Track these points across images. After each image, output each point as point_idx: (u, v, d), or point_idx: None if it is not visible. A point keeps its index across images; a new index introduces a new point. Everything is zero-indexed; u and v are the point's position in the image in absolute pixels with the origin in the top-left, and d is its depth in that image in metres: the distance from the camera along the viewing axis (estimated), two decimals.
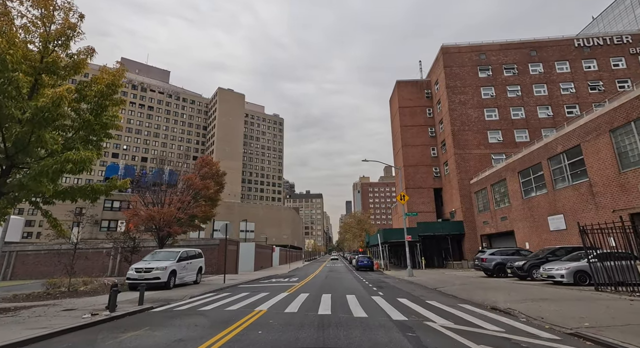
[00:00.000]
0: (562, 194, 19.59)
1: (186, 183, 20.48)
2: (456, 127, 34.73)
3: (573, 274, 12.85)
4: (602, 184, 16.44)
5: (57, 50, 9.31)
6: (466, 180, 33.37)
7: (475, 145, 34.11)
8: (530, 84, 34.70)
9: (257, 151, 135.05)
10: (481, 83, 35.60)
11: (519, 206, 24.50)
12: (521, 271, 15.83)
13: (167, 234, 19.55)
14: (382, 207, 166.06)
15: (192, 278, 16.98)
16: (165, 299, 11.66)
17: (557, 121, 32.79)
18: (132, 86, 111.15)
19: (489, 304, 9.66)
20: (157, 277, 13.97)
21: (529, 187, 23.36)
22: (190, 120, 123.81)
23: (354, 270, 35.20)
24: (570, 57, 34.54)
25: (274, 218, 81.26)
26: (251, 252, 37.42)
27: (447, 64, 36.54)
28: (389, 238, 33.31)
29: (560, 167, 19.75)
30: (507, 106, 34.60)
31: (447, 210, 37.25)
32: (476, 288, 13.60)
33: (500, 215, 27.33)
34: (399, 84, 43.03)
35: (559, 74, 34.44)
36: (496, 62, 35.83)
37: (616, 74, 33.41)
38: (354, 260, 43.73)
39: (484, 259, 18.89)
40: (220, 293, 13.70)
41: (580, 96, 33.52)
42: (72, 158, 7.99)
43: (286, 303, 10.41)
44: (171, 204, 19.63)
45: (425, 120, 41.26)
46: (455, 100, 35.46)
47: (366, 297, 11.80)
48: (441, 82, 37.58)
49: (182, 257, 15.87)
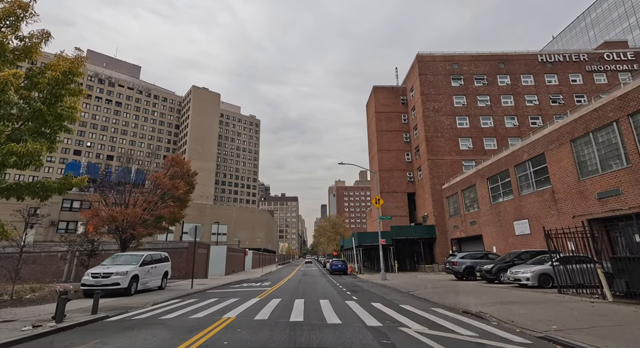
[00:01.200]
0: (527, 200, 20.51)
1: (154, 183, 19.36)
2: (430, 133, 35.67)
3: (538, 277, 13.34)
4: (564, 191, 17.35)
5: (5, 30, 8.35)
6: (438, 185, 34.29)
7: (447, 151, 35.18)
8: (499, 95, 36.42)
9: (232, 152, 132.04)
10: (454, 92, 36.90)
11: (487, 211, 25.42)
12: (489, 274, 16.29)
13: (130, 236, 18.33)
14: (357, 211, 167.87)
15: (156, 283, 15.97)
16: (123, 307, 10.78)
17: (522, 131, 34.59)
18: (98, 80, 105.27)
19: (460, 308, 9.72)
20: (117, 282, 12.95)
21: (497, 192, 24.31)
22: (162, 118, 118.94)
23: (328, 273, 34.99)
24: (534, 71, 36.67)
25: (247, 220, 79.55)
26: (222, 255, 36.22)
27: (422, 71, 37.56)
28: (364, 242, 33.47)
29: (526, 174, 20.71)
30: (477, 115, 36.06)
31: (420, 214, 38.08)
32: (448, 292, 13.77)
33: (470, 220, 28.24)
34: (375, 89, 43.70)
35: (524, 86, 36.42)
36: (468, 72, 37.32)
37: (574, 89, 35.86)
38: (328, 263, 43.54)
39: (455, 263, 19.32)
40: (187, 300, 12.92)
41: (542, 108, 35.61)
42: (16, 150, 7.14)
43: (256, 310, 9.93)
44: (136, 205, 18.46)
45: (401, 125, 42.13)
46: (430, 107, 36.47)
47: (340, 302, 11.56)
48: (416, 89, 38.56)
49: (145, 261, 14.87)
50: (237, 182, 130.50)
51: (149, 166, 21.35)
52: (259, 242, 78.94)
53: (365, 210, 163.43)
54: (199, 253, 29.23)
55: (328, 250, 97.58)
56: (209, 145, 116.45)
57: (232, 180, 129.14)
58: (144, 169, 22.35)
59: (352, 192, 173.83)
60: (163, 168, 20.50)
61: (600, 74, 36.20)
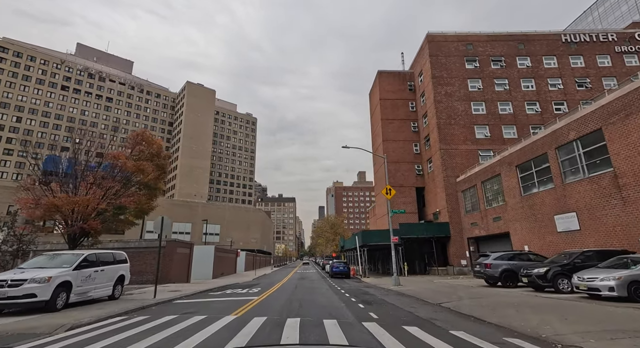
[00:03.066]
0: (574, 189, 16.75)
1: (111, 165, 15.42)
2: (442, 120, 31.95)
3: (627, 286, 9.52)
4: (632, 174, 13.61)
5: None
6: (452, 177, 30.53)
7: (461, 140, 31.46)
8: (518, 78, 32.78)
9: (228, 151, 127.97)
10: (468, 75, 33.23)
11: (516, 204, 21.65)
12: (542, 280, 12.47)
13: (80, 232, 14.38)
14: (356, 212, 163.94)
15: (105, 292, 12.02)
16: (19, 334, 6.85)
17: (546, 118, 30.96)
18: (88, 74, 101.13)
19: (552, 338, 5.88)
20: (31, 293, 8.99)
21: (529, 182, 20.54)
22: (155, 115, 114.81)
23: (328, 277, 31.08)
24: (558, 52, 33.09)
25: (241, 220, 75.42)
26: (209, 256, 32.21)
27: (433, 52, 33.88)
28: (368, 241, 29.59)
29: (573, 157, 16.96)
30: (494, 100, 32.40)
31: (430, 211, 34.28)
32: (498, 306, 9.94)
33: (493, 216, 24.46)
34: (380, 74, 39.94)
35: (546, 69, 32.82)
36: (483, 53, 33.68)
37: (602, 71, 32.31)
38: (327, 265, 39.65)
39: (488, 265, 15.49)
40: (132, 318, 8.99)
41: (568, 92, 32.01)
42: None
43: (224, 340, 6.07)
44: (89, 191, 14.51)
45: (408, 114, 38.38)
46: (441, 91, 32.76)
47: (355, 325, 7.67)
48: (426, 72, 34.85)
49: (84, 263, 10.92)
50: (233, 181, 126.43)
51: (113, 143, 17.28)
52: (253, 242, 74.81)
53: (364, 211, 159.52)
54: (180, 254, 25.23)
55: (326, 251, 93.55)
56: (204, 143, 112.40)
57: (227, 179, 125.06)
58: (104, 150, 18.26)
59: (350, 192, 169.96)
60: (127, 145, 16.51)
61: (631, 56, 32.69)
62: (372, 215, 49.55)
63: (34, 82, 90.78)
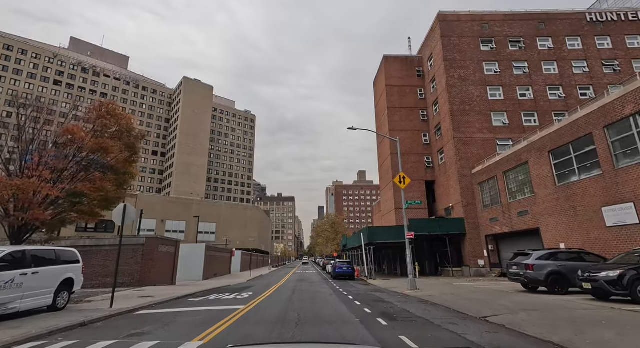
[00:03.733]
0: (630, 174, 13.84)
1: (67, 141, 12.49)
2: (455, 106, 29.02)
3: None
4: None
5: None
6: (467, 169, 27.62)
7: (477, 128, 28.54)
8: (539, 61, 29.87)
9: (226, 148, 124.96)
10: (484, 57, 30.31)
11: (548, 196, 18.74)
12: (615, 286, 9.54)
13: (21, 223, 11.45)
14: (357, 210, 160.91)
15: (41, 301, 9.08)
16: None
17: (570, 104, 28.06)
18: (81, 69, 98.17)
19: None
20: None
21: (567, 169, 17.63)
22: (151, 111, 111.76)
23: (330, 278, 28.14)
24: (582, 33, 30.19)
25: (239, 218, 72.40)
26: (199, 255, 29.29)
27: (445, 33, 30.95)
28: (376, 239, 26.63)
29: (629, 137, 14.04)
30: (513, 85, 29.48)
31: (442, 206, 31.35)
32: (578, 323, 6.98)
33: (518, 210, 21.54)
34: (386, 59, 36.96)
35: (570, 51, 29.92)
36: (500, 33, 30.77)
37: (632, 53, 29.40)
38: (328, 265, 36.74)
39: (531, 266, 12.55)
40: (53, 343, 6.06)
41: (594, 76, 29.10)
42: None
43: None
44: (33, 174, 11.58)
45: (416, 101, 35.44)
46: (455, 75, 29.84)
47: None
48: (437, 55, 31.92)
49: (0, 263, 7.97)
50: (231, 179, 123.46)
51: (71, 112, 14.26)
52: (251, 242, 71.81)
53: (365, 210, 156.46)
54: (162, 253, 22.27)
55: (327, 251, 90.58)
56: (201, 140, 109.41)
57: (225, 177, 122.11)
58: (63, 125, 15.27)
59: (351, 191, 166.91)
60: (85, 120, 13.53)
61: None
62: (377, 212, 46.59)
63: (25, 76, 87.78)
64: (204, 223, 66.75)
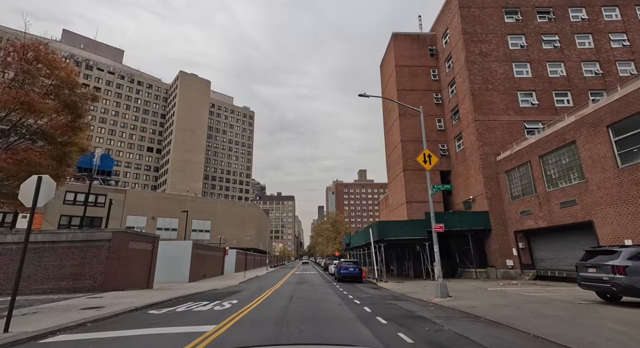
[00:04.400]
0: None
1: None
2: (476, 84, 25.45)
3: None
4: None
5: None
6: (491, 155, 24.06)
7: (502, 109, 24.97)
8: (572, 34, 26.30)
9: (224, 145, 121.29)
10: (508, 30, 26.74)
11: (607, 181, 15.16)
12: None
13: None
14: (358, 209, 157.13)
15: None
16: None
17: (609, 82, 24.53)
18: (74, 62, 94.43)
19: None
20: None
21: (634, 147, 14.05)
22: (147, 107, 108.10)
23: (334, 280, 24.55)
24: (621, 2, 26.63)
25: (235, 216, 68.76)
26: (185, 254, 25.77)
27: (464, 3, 27.37)
28: (387, 235, 22.97)
29: None
30: (542, 60, 25.91)
31: (460, 199, 27.75)
32: None
33: (561, 200, 17.94)
34: (395, 37, 33.31)
35: (607, 23, 26.35)
36: (527, 3, 27.19)
37: None
38: (331, 266, 33.13)
39: (621, 268, 8.95)
40: None
41: (636, 50, 25.54)
42: None
43: None
44: None
45: (429, 83, 31.83)
46: (475, 50, 26.27)
47: None
48: (454, 30, 28.32)
49: None
50: (229, 177, 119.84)
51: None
52: (248, 240, 68.19)
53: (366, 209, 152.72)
54: (134, 250, 18.58)
55: (327, 251, 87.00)
56: (198, 137, 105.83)
57: (223, 175, 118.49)
58: None
59: (352, 189, 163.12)
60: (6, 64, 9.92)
61: None
62: (384, 207, 42.92)
63: None
64: (198, 221, 63.19)
